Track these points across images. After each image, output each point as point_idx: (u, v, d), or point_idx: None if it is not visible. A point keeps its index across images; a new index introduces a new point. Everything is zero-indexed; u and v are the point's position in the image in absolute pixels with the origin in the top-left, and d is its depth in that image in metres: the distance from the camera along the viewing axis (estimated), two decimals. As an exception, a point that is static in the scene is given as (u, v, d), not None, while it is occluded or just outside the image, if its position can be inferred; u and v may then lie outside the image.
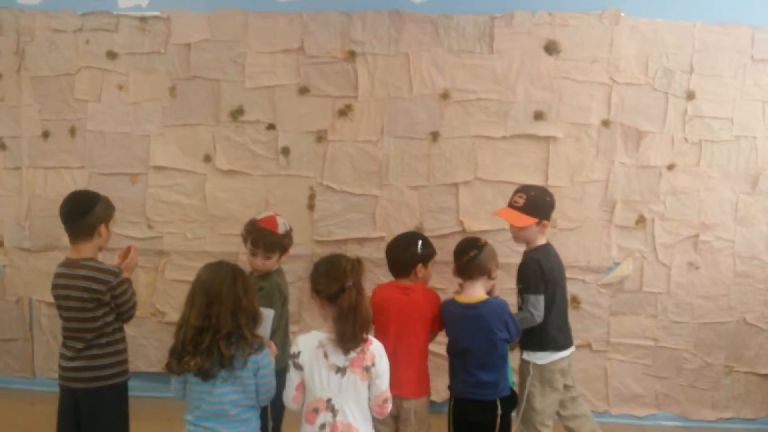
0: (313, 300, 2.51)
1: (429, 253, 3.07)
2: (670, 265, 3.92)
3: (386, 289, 2.96)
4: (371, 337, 2.41)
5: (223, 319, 2.33)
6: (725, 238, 3.90)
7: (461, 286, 2.98)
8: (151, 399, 4.10)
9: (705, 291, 3.93)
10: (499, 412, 2.86)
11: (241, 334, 2.37)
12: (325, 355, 2.34)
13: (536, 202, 3.10)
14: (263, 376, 2.44)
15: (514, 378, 3.05)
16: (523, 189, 3.20)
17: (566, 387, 3.17)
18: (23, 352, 4.36)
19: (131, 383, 3.00)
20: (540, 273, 3.03)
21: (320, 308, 2.45)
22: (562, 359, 3.08)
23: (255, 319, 2.44)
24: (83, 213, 2.81)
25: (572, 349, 3.16)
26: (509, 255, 3.90)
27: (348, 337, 2.30)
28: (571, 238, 3.91)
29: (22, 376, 4.38)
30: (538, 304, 3.02)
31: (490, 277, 2.96)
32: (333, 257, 2.50)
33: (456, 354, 2.95)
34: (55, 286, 2.83)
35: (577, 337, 3.90)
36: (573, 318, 3.87)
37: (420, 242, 3.05)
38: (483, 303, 2.88)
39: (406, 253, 3.02)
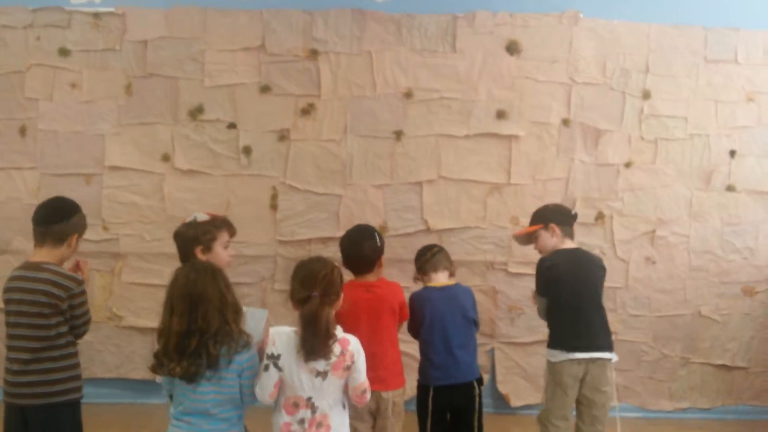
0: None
1: (383, 244, 3.07)
2: (629, 260, 4.01)
3: (350, 290, 2.82)
4: (347, 336, 2.38)
5: (211, 319, 2.27)
6: (680, 233, 4.01)
7: (424, 281, 3.13)
8: (108, 406, 4.00)
9: (662, 285, 4.04)
10: (477, 392, 3.00)
11: (229, 330, 2.31)
12: (305, 360, 2.31)
13: (538, 212, 3.25)
14: (248, 377, 2.38)
15: None
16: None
17: (586, 399, 3.08)
18: (-29, 361, 4.18)
19: (87, 390, 2.86)
20: (541, 274, 3.13)
21: (294, 310, 2.41)
22: (572, 362, 3.03)
23: (238, 312, 2.39)
24: (61, 218, 2.68)
25: (594, 354, 3.02)
26: (473, 252, 3.96)
27: (308, 348, 2.27)
28: (533, 236, 3.95)
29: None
30: (538, 303, 3.24)
31: (452, 273, 3.14)
32: (310, 262, 2.43)
33: (436, 336, 3.00)
34: (8, 289, 2.66)
35: (540, 332, 3.98)
36: (535, 313, 3.94)
37: (376, 235, 3.05)
38: (455, 285, 3.10)
39: (368, 248, 3.00)
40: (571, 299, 3.07)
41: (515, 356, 4.05)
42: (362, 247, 2.97)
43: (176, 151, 3.96)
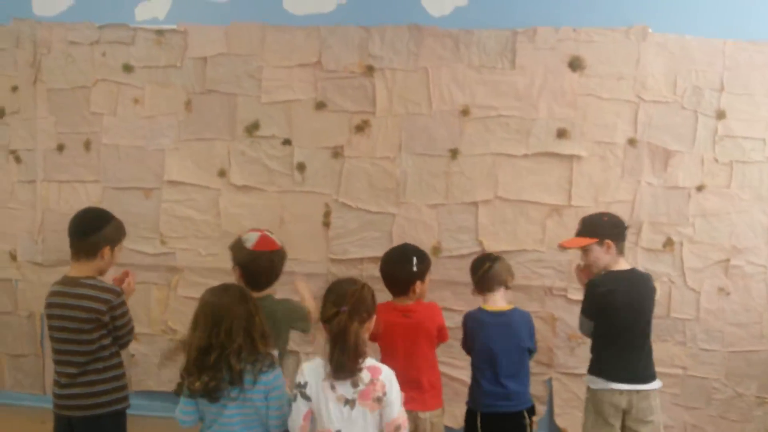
0: None
1: (425, 267, 3.00)
2: (700, 290, 3.75)
3: (386, 312, 2.80)
4: (380, 365, 2.30)
5: (235, 335, 2.26)
6: (757, 263, 3.72)
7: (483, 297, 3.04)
8: (161, 419, 4.00)
9: (736, 318, 3.75)
10: (527, 422, 2.92)
11: (254, 348, 2.29)
12: (332, 387, 2.24)
13: (592, 222, 3.09)
14: (275, 398, 2.34)
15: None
16: (582, 218, 3.19)
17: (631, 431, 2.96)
18: (34, 368, 4.30)
19: (141, 402, 2.92)
20: (590, 295, 3.00)
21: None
22: (614, 392, 2.90)
23: (266, 337, 2.37)
24: (91, 231, 2.72)
25: (637, 387, 2.92)
26: (530, 277, 3.80)
27: (336, 365, 2.20)
28: (594, 261, 3.75)
29: (33, 393, 4.31)
30: (581, 324, 3.11)
31: (507, 287, 3.07)
32: (341, 281, 2.41)
33: (484, 363, 2.93)
34: (49, 305, 2.70)
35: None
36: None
37: (415, 258, 2.97)
38: (512, 311, 3.00)
39: (402, 272, 2.94)
40: (624, 329, 2.92)
41: (574, 388, 3.84)
42: (395, 270, 2.93)
43: (232, 166, 3.98)
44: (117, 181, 4.09)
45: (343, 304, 2.25)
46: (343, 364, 2.20)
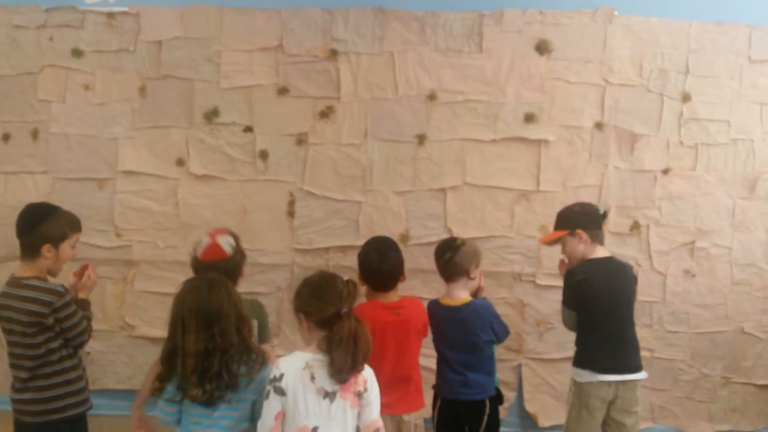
0: (297, 319, 2.29)
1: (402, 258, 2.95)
2: (666, 272, 3.77)
3: (373, 311, 2.71)
4: None
5: (230, 337, 2.14)
6: (722, 245, 3.77)
7: None
8: (119, 418, 3.85)
9: (701, 299, 3.80)
10: (488, 411, 2.88)
11: (248, 347, 2.19)
12: (312, 378, 2.12)
13: (563, 214, 3.07)
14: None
15: (498, 377, 3.13)
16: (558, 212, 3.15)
17: (614, 422, 2.93)
18: (-18, 369, 4.09)
19: (99, 401, 2.75)
20: (568, 284, 2.97)
21: (305, 331, 2.23)
22: (602, 384, 2.87)
23: (251, 328, 2.29)
24: (27, 228, 2.55)
25: (625, 377, 2.89)
26: (499, 263, 3.77)
27: (347, 368, 2.11)
28: (563, 246, 3.74)
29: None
30: (564, 317, 3.08)
31: (469, 277, 2.95)
32: (327, 277, 2.28)
33: (441, 353, 2.93)
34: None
35: (570, 348, 3.73)
36: (565, 328, 3.73)
37: (398, 246, 2.95)
38: (465, 305, 2.90)
39: (395, 261, 2.85)
40: (604, 317, 2.89)
41: (543, 373, 3.83)
42: (389, 260, 2.81)
43: (191, 155, 3.82)
44: (68, 171, 3.88)
45: (341, 305, 2.15)
46: (354, 365, 2.12)
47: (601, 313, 2.88)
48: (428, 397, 3.03)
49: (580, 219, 2.99)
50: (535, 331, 3.82)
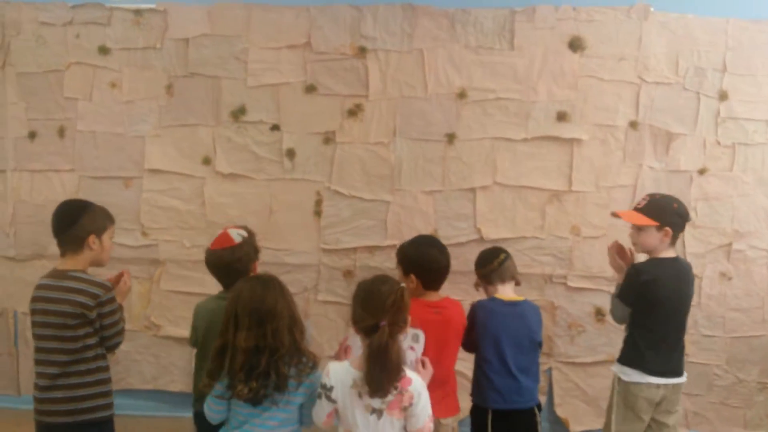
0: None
1: None
2: (701, 275, 3.68)
3: (417, 309, 2.61)
4: (412, 375, 2.19)
5: (282, 336, 2.14)
6: (760, 247, 3.68)
7: (488, 291, 2.92)
8: (144, 418, 3.86)
9: (738, 303, 3.71)
10: (539, 419, 2.82)
11: (299, 349, 2.19)
12: (360, 396, 2.13)
13: (659, 205, 2.86)
14: (314, 398, 2.25)
15: None
16: (650, 194, 2.98)
17: (656, 423, 2.85)
18: (7, 368, 4.06)
19: (123, 401, 2.72)
20: (632, 281, 2.83)
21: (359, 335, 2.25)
22: (650, 386, 2.79)
23: (303, 331, 2.26)
24: (68, 224, 2.56)
25: (673, 380, 2.82)
26: (530, 264, 3.70)
27: (375, 384, 2.09)
28: (596, 247, 3.66)
29: (6, 395, 4.08)
30: (615, 309, 2.93)
31: (517, 282, 2.96)
32: (377, 283, 2.24)
33: (494, 356, 2.78)
34: (34, 299, 2.54)
35: (602, 351, 3.72)
36: (598, 331, 3.69)
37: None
38: (524, 302, 2.89)
39: (444, 260, 2.81)
40: (665, 321, 2.80)
41: (575, 377, 3.76)
42: (447, 256, 2.81)
43: (217, 153, 3.78)
44: (94, 170, 3.86)
45: (381, 317, 2.12)
46: (382, 383, 2.10)
47: (662, 316, 2.79)
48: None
49: (674, 218, 2.84)
50: (566, 334, 3.74)
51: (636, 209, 2.91)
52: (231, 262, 2.59)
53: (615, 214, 3.03)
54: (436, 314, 2.67)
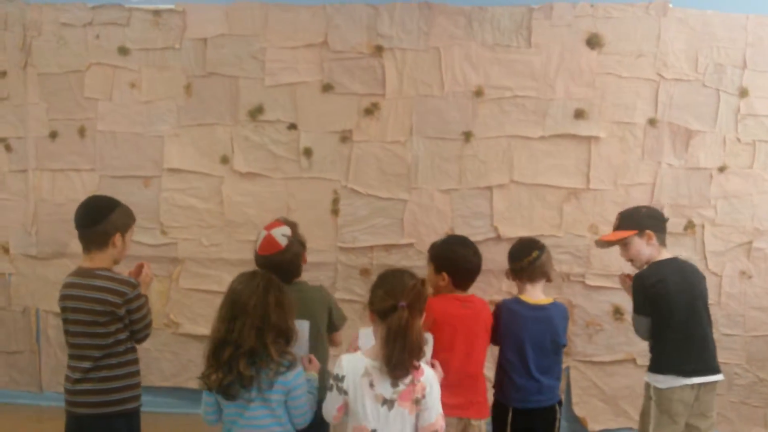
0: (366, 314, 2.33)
1: None
2: (721, 274, 3.66)
3: (443, 303, 2.67)
4: (423, 365, 2.19)
5: (246, 334, 2.17)
6: (781, 246, 3.65)
7: (518, 287, 2.88)
8: (164, 415, 3.89)
9: (758, 302, 3.67)
10: (559, 416, 2.81)
11: (267, 352, 2.19)
12: (371, 385, 2.13)
13: (628, 214, 2.95)
14: (295, 398, 2.26)
15: None
16: (619, 212, 3.04)
17: (688, 427, 2.82)
18: (30, 365, 4.13)
19: (144, 398, 2.74)
20: (640, 289, 2.84)
21: (372, 323, 2.25)
22: (684, 388, 2.75)
23: (287, 337, 2.27)
24: (97, 220, 2.58)
25: (708, 378, 2.79)
26: (547, 264, 3.67)
27: (395, 363, 2.09)
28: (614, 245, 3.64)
29: (29, 391, 4.14)
30: (637, 325, 2.92)
31: (548, 280, 2.89)
32: (398, 272, 2.28)
33: (516, 357, 2.77)
34: (63, 297, 2.58)
35: (620, 350, 3.70)
36: (616, 330, 3.67)
37: None
38: (552, 305, 2.83)
39: (478, 260, 2.80)
40: (684, 317, 2.77)
41: (593, 376, 3.74)
42: (478, 258, 2.79)
43: (235, 152, 3.81)
44: (114, 169, 3.91)
45: (401, 298, 2.12)
46: (403, 362, 2.10)
47: (679, 313, 2.76)
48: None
49: (648, 221, 2.88)
50: (584, 333, 3.73)
51: (613, 231, 2.99)
52: (281, 263, 2.58)
53: (598, 242, 3.07)
54: (465, 308, 2.68)
